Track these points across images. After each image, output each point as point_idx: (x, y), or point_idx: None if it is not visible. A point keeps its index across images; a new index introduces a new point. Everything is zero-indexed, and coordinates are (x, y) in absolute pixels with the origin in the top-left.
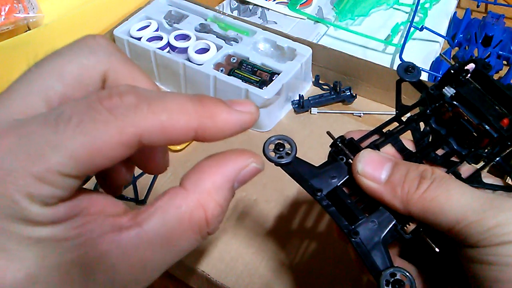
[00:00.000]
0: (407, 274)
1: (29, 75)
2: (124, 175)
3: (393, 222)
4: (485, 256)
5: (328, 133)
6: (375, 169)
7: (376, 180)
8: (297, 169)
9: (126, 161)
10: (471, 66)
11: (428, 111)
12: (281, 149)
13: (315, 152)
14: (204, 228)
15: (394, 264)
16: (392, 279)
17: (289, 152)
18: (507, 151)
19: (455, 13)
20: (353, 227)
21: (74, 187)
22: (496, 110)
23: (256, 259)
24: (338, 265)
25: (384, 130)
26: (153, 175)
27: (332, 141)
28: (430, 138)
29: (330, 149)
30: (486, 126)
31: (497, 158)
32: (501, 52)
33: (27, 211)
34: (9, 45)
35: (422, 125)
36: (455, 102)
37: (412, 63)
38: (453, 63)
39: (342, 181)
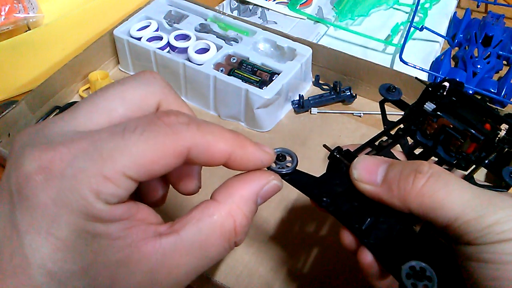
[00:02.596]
0: (426, 266)
1: (95, 97)
2: (160, 195)
3: (401, 222)
4: (483, 254)
5: (325, 146)
6: (370, 172)
7: (372, 182)
8: (299, 179)
9: (164, 182)
10: (445, 84)
11: (412, 126)
12: (282, 161)
13: (315, 152)
14: (233, 237)
15: None
16: (412, 272)
17: (290, 164)
18: (494, 153)
19: (455, 13)
20: (363, 229)
21: (132, 189)
22: (477, 117)
23: (256, 259)
24: (338, 265)
25: (375, 143)
26: None
27: (329, 153)
28: (420, 150)
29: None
30: (472, 130)
31: (485, 161)
32: (501, 52)
33: (92, 207)
34: (9, 45)
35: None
36: (438, 113)
37: (392, 84)
38: (428, 83)
39: (344, 188)
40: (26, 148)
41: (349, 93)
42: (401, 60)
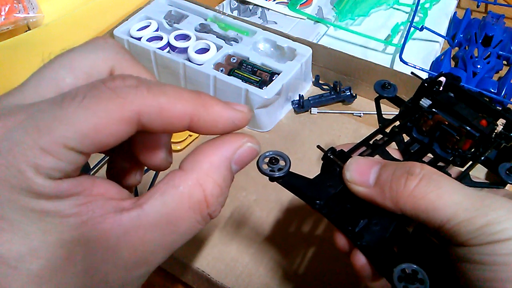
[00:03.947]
0: (418, 268)
1: (42, 69)
2: (134, 175)
3: (394, 223)
4: (475, 255)
5: (319, 146)
6: (362, 174)
7: (365, 184)
8: (292, 182)
9: (135, 160)
10: (441, 79)
11: (408, 123)
12: (275, 164)
13: (315, 152)
14: (204, 208)
15: None
16: (404, 274)
17: (283, 167)
18: (490, 150)
19: (455, 13)
20: (356, 231)
21: (78, 163)
22: (473, 113)
23: (256, 259)
24: (337, 266)
25: (370, 142)
26: (154, 174)
27: (323, 154)
28: (416, 147)
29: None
30: (467, 127)
31: (482, 158)
32: (501, 52)
33: (32, 182)
34: (9, 45)
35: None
36: (434, 110)
37: (387, 81)
38: (423, 78)
39: (338, 189)
40: None
41: (349, 93)
42: (401, 60)
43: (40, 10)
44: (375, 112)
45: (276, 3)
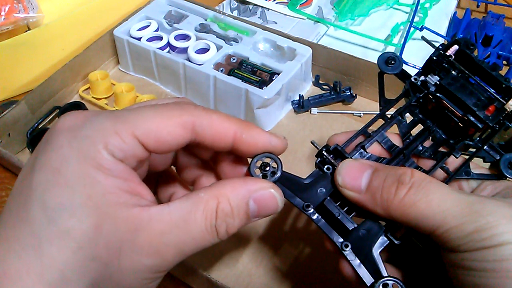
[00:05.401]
0: (400, 283)
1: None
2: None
3: (383, 229)
4: (465, 261)
5: (312, 142)
6: (354, 179)
7: (356, 189)
8: (285, 185)
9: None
10: (454, 48)
11: (413, 101)
12: (267, 169)
13: (314, 152)
14: (213, 218)
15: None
16: None
17: (275, 170)
18: (493, 138)
19: (455, 13)
20: (343, 239)
21: (139, 154)
22: (481, 98)
23: (255, 259)
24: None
25: (370, 129)
26: None
27: (318, 151)
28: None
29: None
30: (471, 117)
31: (485, 147)
32: (501, 52)
33: (98, 153)
34: (9, 45)
35: (407, 118)
36: (438, 94)
37: (393, 54)
38: (436, 45)
39: (330, 192)
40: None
41: (349, 93)
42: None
43: (40, 10)
44: (375, 112)
45: (276, 3)
